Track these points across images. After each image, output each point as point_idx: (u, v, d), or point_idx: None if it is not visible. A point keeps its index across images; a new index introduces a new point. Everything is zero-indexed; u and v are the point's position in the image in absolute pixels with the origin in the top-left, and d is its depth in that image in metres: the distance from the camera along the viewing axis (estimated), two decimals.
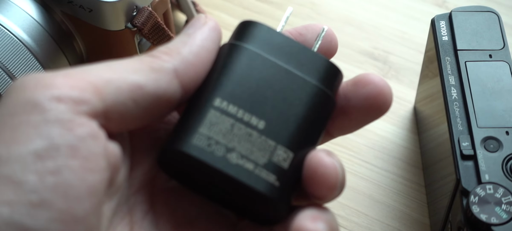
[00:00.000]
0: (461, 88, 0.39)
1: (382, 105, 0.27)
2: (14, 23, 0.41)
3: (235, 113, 0.26)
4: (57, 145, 0.23)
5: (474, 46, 0.41)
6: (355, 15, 0.57)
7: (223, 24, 0.56)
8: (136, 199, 0.27)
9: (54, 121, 0.23)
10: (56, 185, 0.22)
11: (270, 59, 0.28)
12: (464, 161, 0.36)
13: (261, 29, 0.28)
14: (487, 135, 0.37)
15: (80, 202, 0.23)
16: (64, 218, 0.22)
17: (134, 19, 0.42)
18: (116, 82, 0.25)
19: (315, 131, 0.27)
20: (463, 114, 0.38)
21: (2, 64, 0.39)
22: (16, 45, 0.40)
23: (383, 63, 0.53)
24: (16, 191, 0.22)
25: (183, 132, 0.26)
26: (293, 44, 0.28)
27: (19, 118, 0.23)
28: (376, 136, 0.49)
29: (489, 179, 0.35)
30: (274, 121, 0.26)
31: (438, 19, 0.43)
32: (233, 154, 0.26)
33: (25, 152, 0.22)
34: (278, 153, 0.26)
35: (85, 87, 0.24)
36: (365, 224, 0.45)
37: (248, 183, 0.25)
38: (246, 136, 0.26)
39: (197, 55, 0.27)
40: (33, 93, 0.23)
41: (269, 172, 0.26)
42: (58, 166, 0.22)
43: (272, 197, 0.26)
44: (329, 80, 0.28)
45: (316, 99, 0.27)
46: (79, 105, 0.24)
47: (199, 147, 0.26)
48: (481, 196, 0.34)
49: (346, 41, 0.55)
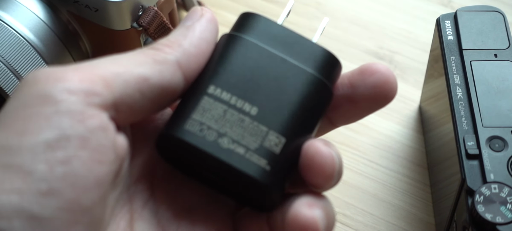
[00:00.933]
0: (466, 87, 0.39)
1: (389, 93, 0.28)
2: (20, 22, 0.41)
3: (228, 100, 0.27)
4: (68, 136, 0.23)
5: (479, 45, 0.41)
6: (360, 15, 0.57)
7: (229, 23, 0.56)
8: (136, 188, 0.28)
9: (65, 112, 0.23)
10: (65, 175, 0.23)
11: (266, 48, 0.28)
12: (469, 160, 0.36)
13: (260, 20, 0.29)
14: (492, 134, 0.37)
15: (87, 192, 0.23)
16: (71, 207, 0.23)
17: (140, 19, 0.42)
18: (123, 75, 0.25)
19: (310, 118, 0.28)
20: (468, 114, 0.38)
21: (8, 63, 0.39)
22: (22, 44, 0.40)
23: (388, 63, 0.53)
24: (26, 179, 0.22)
25: (177, 118, 0.27)
26: (291, 34, 0.28)
27: (31, 110, 0.24)
28: (381, 135, 0.49)
29: (494, 178, 0.35)
30: (267, 107, 0.27)
31: (443, 18, 0.43)
32: (224, 139, 0.26)
33: (36, 142, 0.23)
34: (270, 138, 0.26)
35: (95, 80, 0.25)
36: (370, 224, 0.45)
37: (238, 167, 0.26)
38: (238, 121, 0.26)
39: (197, 47, 0.27)
40: (45, 86, 0.24)
41: (260, 157, 0.26)
42: (68, 156, 0.23)
43: (262, 181, 0.26)
44: (326, 70, 0.28)
45: (311, 87, 0.27)
46: (90, 97, 0.24)
47: (191, 132, 0.26)
48: (486, 195, 0.34)
49: (352, 40, 0.55)
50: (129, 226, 0.27)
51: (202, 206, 0.29)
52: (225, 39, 0.29)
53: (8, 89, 0.39)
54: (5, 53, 0.39)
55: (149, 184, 0.29)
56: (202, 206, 0.29)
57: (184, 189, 0.29)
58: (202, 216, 0.28)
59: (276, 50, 0.28)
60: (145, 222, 0.27)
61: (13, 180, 0.22)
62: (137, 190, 0.28)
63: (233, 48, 0.28)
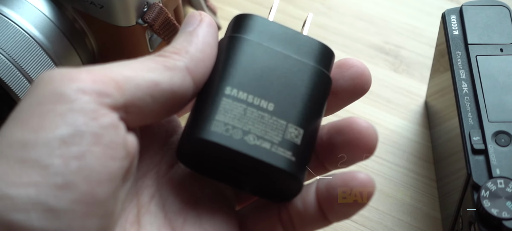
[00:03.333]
0: (472, 82, 0.39)
1: (365, 84, 0.31)
2: (26, 20, 0.41)
3: (246, 99, 0.28)
4: (82, 132, 0.24)
5: (485, 40, 0.41)
6: (366, 10, 0.57)
7: None
8: (143, 183, 0.29)
9: (79, 110, 0.25)
10: (79, 169, 0.24)
11: (269, 46, 0.30)
12: (475, 155, 0.36)
13: (256, 20, 0.31)
14: (498, 129, 0.37)
15: (101, 186, 0.24)
16: (86, 199, 0.24)
17: (145, 15, 0.42)
18: (135, 80, 0.26)
19: (319, 106, 0.30)
20: (474, 109, 0.38)
21: (14, 60, 0.39)
22: (28, 42, 0.40)
23: (394, 58, 0.53)
24: (42, 173, 0.23)
25: (201, 121, 0.28)
26: (287, 31, 0.30)
27: (46, 107, 0.25)
28: (387, 130, 0.49)
29: (500, 173, 0.35)
30: (281, 102, 0.28)
31: (449, 13, 0.43)
32: (249, 136, 0.28)
33: (52, 138, 0.24)
34: (290, 131, 0.28)
35: (107, 82, 0.26)
36: (376, 219, 0.45)
37: (268, 161, 0.27)
38: (259, 118, 0.28)
39: (203, 52, 0.29)
40: (59, 85, 0.25)
41: (285, 149, 0.28)
42: (82, 151, 0.24)
43: (291, 172, 0.27)
44: (324, 61, 0.30)
45: (316, 79, 0.29)
46: (102, 98, 0.25)
47: (218, 133, 0.27)
48: (492, 190, 0.34)
49: (357, 35, 0.55)
50: (137, 220, 0.28)
51: (208, 200, 0.30)
52: (226, 41, 0.30)
53: (14, 87, 0.39)
54: (11, 50, 0.39)
55: (155, 178, 0.30)
56: (207, 199, 0.30)
57: (189, 183, 0.30)
58: (208, 209, 0.29)
59: (279, 47, 0.30)
60: (152, 215, 0.28)
61: (30, 173, 0.23)
62: (143, 184, 0.29)
63: (239, 49, 0.29)
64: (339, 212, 0.28)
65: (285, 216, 0.29)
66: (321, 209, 0.28)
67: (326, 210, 0.28)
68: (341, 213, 0.28)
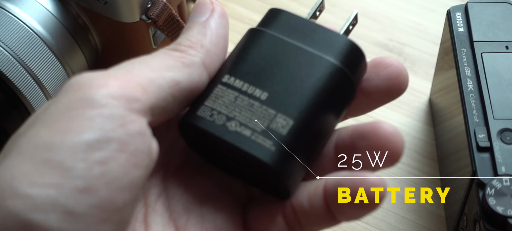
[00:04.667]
0: (477, 80, 0.39)
1: (401, 85, 0.29)
2: (30, 15, 0.41)
3: (240, 87, 0.28)
4: (109, 138, 0.24)
5: (490, 37, 0.41)
6: (370, 7, 0.56)
7: (238, 16, 0.56)
8: (150, 183, 0.29)
9: (108, 115, 0.25)
10: (102, 175, 0.24)
11: (283, 38, 0.29)
12: (480, 153, 0.36)
13: (284, 15, 0.30)
14: (503, 127, 0.37)
15: (121, 194, 0.24)
16: (105, 206, 0.24)
17: (148, 11, 0.42)
18: (157, 81, 0.27)
19: (323, 102, 0.28)
20: (479, 106, 0.38)
21: (18, 56, 0.39)
22: (31, 37, 0.40)
23: (398, 55, 0.53)
24: (64, 175, 0.23)
25: (193, 107, 0.28)
26: (313, 25, 0.29)
27: (76, 112, 0.25)
28: None
29: (505, 171, 0.35)
30: (277, 93, 0.28)
31: (454, 10, 0.43)
32: (232, 122, 0.27)
33: (78, 142, 0.24)
34: (277, 121, 0.27)
35: (134, 87, 0.26)
36: (379, 216, 0.45)
37: (243, 148, 0.27)
38: (248, 106, 0.27)
39: (217, 45, 0.29)
40: (89, 90, 0.25)
41: (265, 138, 0.27)
42: (107, 157, 0.24)
43: (267, 162, 0.26)
44: (347, 59, 0.28)
45: (327, 74, 0.28)
46: (131, 103, 0.25)
47: (202, 117, 0.28)
48: (498, 188, 0.34)
49: (361, 33, 0.55)
50: (144, 220, 0.28)
51: (212, 198, 0.30)
52: (247, 33, 0.30)
53: (17, 82, 0.39)
54: (14, 46, 0.39)
55: (162, 179, 0.30)
56: (212, 198, 0.30)
57: (194, 182, 0.30)
58: (211, 208, 0.29)
59: (293, 39, 0.29)
60: (158, 215, 0.28)
61: (52, 175, 0.23)
62: (150, 185, 0.29)
63: (251, 40, 0.29)
64: (348, 213, 0.27)
65: (290, 214, 0.28)
66: (328, 209, 0.28)
67: (335, 210, 0.28)
68: (350, 214, 0.27)
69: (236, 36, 0.56)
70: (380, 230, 0.44)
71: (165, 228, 0.28)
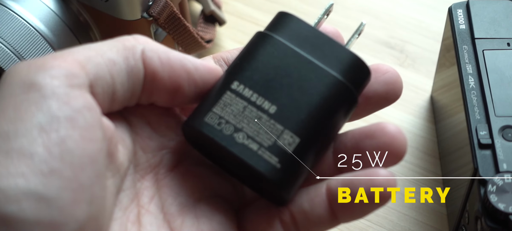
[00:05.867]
0: (479, 77, 0.39)
1: (398, 91, 0.30)
2: (31, 13, 0.41)
3: (249, 97, 0.28)
4: (57, 117, 0.24)
5: (492, 34, 0.41)
6: (371, 4, 0.56)
7: (239, 14, 0.56)
8: (142, 185, 0.29)
9: (51, 95, 0.25)
10: (62, 155, 0.24)
11: (293, 48, 0.29)
12: (482, 150, 0.36)
13: (293, 21, 0.29)
14: (505, 124, 0.37)
15: (84, 170, 0.24)
16: (71, 186, 0.24)
17: (150, 9, 0.42)
18: (94, 59, 0.27)
19: (329, 121, 0.28)
20: (481, 103, 0.38)
21: (19, 54, 0.39)
22: (33, 35, 0.40)
23: (399, 52, 0.53)
24: (28, 162, 0.24)
25: (200, 110, 0.28)
26: (321, 36, 0.29)
27: (19, 97, 0.25)
28: None
29: (507, 168, 0.35)
30: (286, 107, 0.28)
31: (456, 7, 0.42)
32: (240, 134, 0.27)
33: (30, 126, 0.24)
34: (284, 137, 0.27)
35: (72, 63, 0.26)
36: (381, 214, 0.45)
37: (249, 162, 0.27)
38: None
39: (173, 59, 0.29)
40: (28, 74, 0.25)
41: (272, 154, 0.27)
42: (61, 136, 0.24)
43: (271, 178, 0.27)
44: (352, 75, 0.29)
45: (333, 91, 0.28)
46: (70, 79, 0.25)
47: (210, 124, 0.28)
48: (499, 185, 0.34)
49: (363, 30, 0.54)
50: (137, 219, 0.28)
51: (206, 201, 0.30)
52: (256, 36, 0.30)
53: None
54: (16, 43, 0.39)
55: (154, 181, 0.30)
56: (206, 200, 0.30)
57: (187, 185, 0.30)
58: (206, 210, 0.30)
59: (303, 51, 0.29)
60: (152, 216, 0.29)
61: (16, 164, 0.23)
62: (143, 186, 0.29)
63: (261, 46, 0.29)
64: (355, 213, 0.28)
65: (286, 218, 0.29)
66: (332, 210, 0.28)
67: (339, 210, 0.28)
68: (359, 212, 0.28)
69: (237, 34, 0.56)
70: (382, 227, 0.44)
71: (160, 229, 0.28)
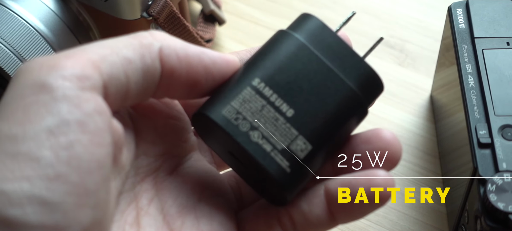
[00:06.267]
0: (478, 76, 0.39)
1: None
2: (31, 13, 0.41)
3: (269, 97, 0.28)
4: (67, 121, 0.24)
5: (492, 34, 0.41)
6: (371, 3, 0.56)
7: (239, 13, 0.56)
8: (142, 187, 0.29)
9: (61, 98, 0.24)
10: (69, 159, 0.24)
11: (316, 54, 0.29)
12: (481, 149, 0.36)
13: (317, 24, 0.30)
14: (504, 123, 0.37)
15: (91, 175, 0.24)
16: (77, 191, 0.24)
17: (149, 8, 0.42)
18: (109, 57, 0.26)
19: (341, 132, 0.29)
20: (480, 103, 0.38)
21: (19, 54, 0.39)
22: (33, 35, 0.40)
23: (399, 52, 0.53)
24: (34, 166, 0.23)
25: (218, 100, 0.28)
26: (343, 46, 0.29)
27: (29, 99, 0.24)
28: (392, 124, 0.49)
29: (506, 167, 0.35)
30: (303, 113, 0.28)
31: (455, 6, 0.42)
32: (255, 132, 0.28)
33: (39, 130, 0.24)
34: (297, 143, 0.28)
35: (85, 64, 0.25)
36: (381, 213, 0.45)
37: (262, 163, 0.27)
38: (272, 119, 0.28)
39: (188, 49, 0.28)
40: (39, 75, 0.25)
41: (283, 158, 0.27)
42: (70, 141, 0.24)
43: (280, 181, 0.27)
44: (367, 89, 0.29)
45: (349, 103, 0.29)
46: (83, 81, 0.25)
47: (227, 118, 0.28)
48: (499, 184, 0.34)
49: (363, 29, 0.55)
50: (136, 221, 0.28)
51: (206, 203, 0.30)
52: (279, 34, 0.30)
53: None
54: (16, 43, 0.39)
55: (153, 183, 0.30)
56: (206, 201, 0.30)
57: (186, 187, 0.30)
58: (206, 211, 0.30)
59: (326, 58, 0.29)
60: (151, 217, 0.29)
61: (22, 167, 0.23)
62: (142, 189, 0.29)
63: (286, 47, 0.29)
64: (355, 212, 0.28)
65: (285, 219, 0.29)
66: (330, 211, 0.28)
67: (338, 211, 0.28)
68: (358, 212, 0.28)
69: (237, 33, 0.56)
70: (382, 226, 0.44)
71: (160, 230, 0.28)
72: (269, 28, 0.55)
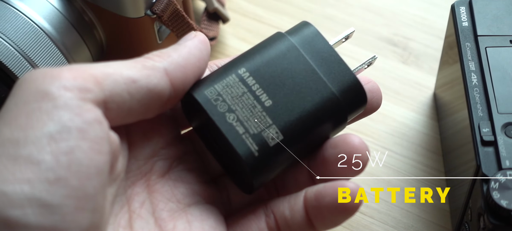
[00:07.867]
0: (482, 74, 0.39)
1: (379, 99, 0.33)
2: (35, 11, 0.41)
3: (251, 85, 0.30)
4: (68, 128, 0.25)
5: (495, 31, 0.41)
6: (374, 1, 0.56)
7: (243, 11, 0.56)
8: (133, 191, 0.30)
9: (63, 106, 0.25)
10: (69, 164, 0.24)
11: (304, 56, 0.31)
12: (485, 147, 0.36)
13: (312, 31, 0.32)
14: (507, 121, 0.37)
15: (90, 180, 0.25)
16: (77, 194, 0.24)
17: (153, 6, 0.42)
18: (113, 76, 0.27)
19: (315, 131, 0.30)
20: (484, 100, 0.38)
21: (24, 52, 0.39)
22: (36, 33, 0.40)
23: (402, 50, 0.53)
24: (35, 170, 0.24)
25: (204, 83, 0.31)
26: (333, 54, 0.31)
27: (32, 106, 0.25)
28: (395, 122, 0.49)
29: (509, 164, 0.35)
30: (280, 105, 0.30)
31: (458, 4, 0.43)
32: (231, 114, 0.30)
33: (40, 135, 0.25)
34: (270, 130, 0.29)
35: (87, 78, 0.26)
36: (384, 210, 0.45)
37: (232, 142, 0.29)
38: (250, 106, 0.30)
39: (186, 59, 0.30)
40: (42, 84, 0.26)
41: (253, 142, 0.29)
42: (71, 146, 0.25)
43: (247, 162, 0.29)
44: (349, 97, 0.31)
45: (328, 105, 0.30)
46: (84, 93, 0.26)
47: (208, 98, 0.30)
48: (502, 182, 0.34)
49: (366, 27, 0.55)
50: (129, 224, 0.29)
51: (197, 206, 0.31)
52: (275, 36, 0.32)
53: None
54: (20, 41, 0.40)
55: (145, 186, 0.31)
56: (197, 205, 0.31)
57: (177, 191, 0.31)
58: (197, 215, 0.31)
59: (313, 62, 0.31)
60: (143, 221, 0.29)
61: (23, 170, 0.24)
62: (133, 192, 0.30)
63: (277, 46, 0.31)
64: (327, 220, 0.29)
65: (272, 223, 0.30)
66: (308, 218, 0.30)
67: (314, 218, 0.29)
68: (329, 221, 0.29)
69: (240, 31, 0.56)
70: (385, 224, 0.44)
71: None
72: (272, 26, 0.55)
